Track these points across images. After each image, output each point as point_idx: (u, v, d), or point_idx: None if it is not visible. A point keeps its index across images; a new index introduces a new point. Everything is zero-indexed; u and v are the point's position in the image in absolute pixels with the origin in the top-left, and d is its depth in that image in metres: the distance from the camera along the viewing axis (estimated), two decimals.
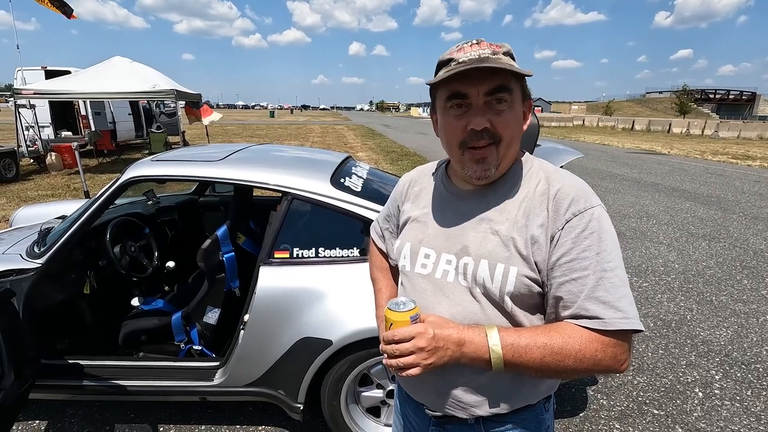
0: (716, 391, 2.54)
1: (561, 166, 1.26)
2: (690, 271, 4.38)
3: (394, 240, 1.06)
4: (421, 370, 0.76)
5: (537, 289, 0.81)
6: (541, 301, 0.83)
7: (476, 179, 0.85)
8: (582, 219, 0.78)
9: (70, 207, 2.95)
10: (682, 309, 3.57)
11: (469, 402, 0.88)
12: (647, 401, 2.45)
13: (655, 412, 2.36)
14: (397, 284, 1.06)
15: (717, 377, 2.67)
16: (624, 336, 0.75)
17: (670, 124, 30.70)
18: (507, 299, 0.81)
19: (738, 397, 2.48)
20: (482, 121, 0.80)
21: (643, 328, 0.75)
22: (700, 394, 2.51)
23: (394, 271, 1.09)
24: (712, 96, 63.90)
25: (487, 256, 0.83)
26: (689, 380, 2.64)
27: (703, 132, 27.98)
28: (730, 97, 63.45)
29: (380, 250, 1.18)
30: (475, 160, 0.83)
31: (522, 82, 0.84)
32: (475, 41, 0.82)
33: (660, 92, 75.49)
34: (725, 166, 13.01)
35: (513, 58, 0.83)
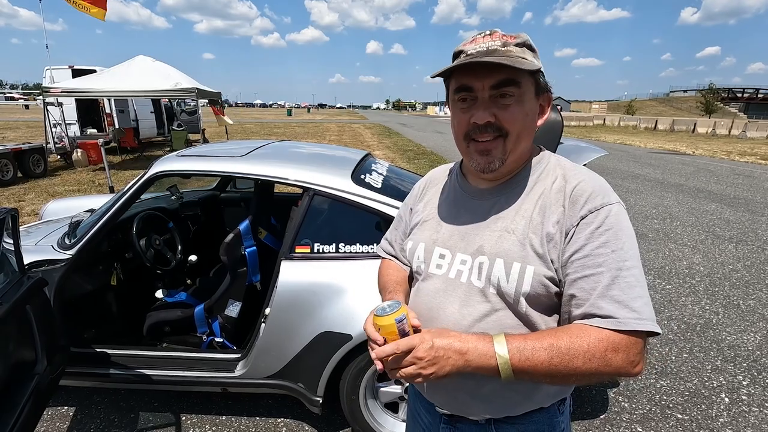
0: (743, 397, 2.46)
1: (584, 165, 1.24)
2: (716, 274, 4.26)
3: (405, 243, 1.03)
4: (423, 380, 0.75)
5: (554, 288, 0.79)
6: (558, 302, 0.81)
7: (481, 171, 0.84)
8: (598, 215, 0.76)
9: (97, 201, 3.03)
10: (707, 312, 3.47)
11: (480, 406, 0.87)
12: (670, 405, 2.39)
13: (679, 416, 2.31)
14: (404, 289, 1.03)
15: (744, 383, 2.59)
16: (638, 337, 0.71)
17: (695, 124, 29.84)
18: (522, 300, 0.79)
19: (766, 404, 2.40)
20: (485, 115, 0.78)
21: (659, 331, 0.72)
22: (727, 399, 2.45)
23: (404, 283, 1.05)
24: (739, 95, 61.83)
25: (503, 255, 0.81)
26: (715, 385, 2.57)
27: (730, 132, 27.10)
28: (759, 95, 61.27)
29: (396, 258, 1.12)
30: (479, 152, 0.82)
31: (535, 75, 0.81)
32: (488, 32, 0.81)
33: (685, 91, 73.51)
34: (753, 167, 12.58)
35: (531, 49, 0.81)
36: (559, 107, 2.07)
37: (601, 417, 2.29)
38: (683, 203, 7.39)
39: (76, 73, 11.35)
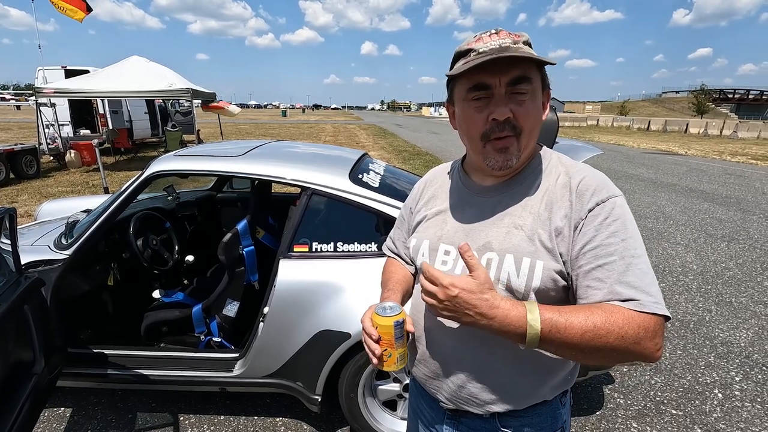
0: (736, 393, 2.50)
1: None
2: (708, 272, 4.31)
3: (408, 242, 1.04)
4: (438, 315, 0.78)
5: (562, 282, 0.80)
6: (564, 296, 0.82)
7: (498, 169, 0.84)
8: (605, 207, 0.78)
9: (91, 202, 3.02)
10: (700, 310, 3.51)
11: (485, 399, 0.88)
12: (665, 401, 2.42)
13: (674, 412, 2.34)
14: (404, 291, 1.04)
15: (737, 379, 2.63)
16: (659, 320, 0.73)
17: (687, 125, 30.14)
18: (531, 295, 0.80)
19: (759, 399, 2.44)
20: (505, 111, 0.79)
21: (670, 315, 0.74)
22: (720, 395, 2.48)
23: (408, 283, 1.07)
24: (730, 96, 62.49)
25: (512, 250, 0.82)
26: (708, 381, 2.60)
27: (721, 132, 27.40)
28: (750, 96, 61.98)
29: (400, 257, 1.13)
30: (498, 150, 0.82)
31: (542, 71, 0.83)
32: (494, 31, 0.80)
33: (677, 92, 74.16)
34: (745, 167, 12.73)
35: (531, 47, 0.82)
36: (553, 108, 2.09)
37: (597, 413, 2.32)
38: (676, 202, 7.47)
39: (69, 74, 11.27)
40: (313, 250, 1.95)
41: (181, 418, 2.21)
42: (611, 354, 0.73)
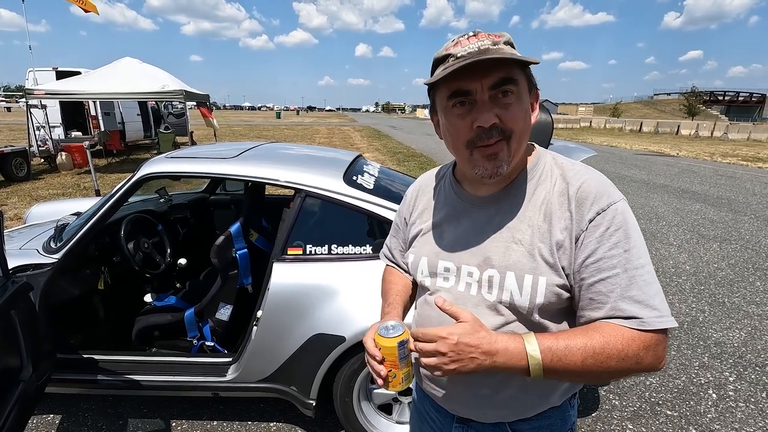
0: (730, 393, 2.51)
1: None
2: (701, 273, 4.34)
3: (405, 254, 1.02)
4: (444, 374, 0.73)
5: (566, 295, 0.78)
6: (569, 306, 0.81)
7: (488, 177, 0.79)
8: (605, 216, 0.75)
9: (82, 205, 2.98)
10: (693, 310, 3.53)
11: (496, 413, 0.87)
12: (660, 402, 2.42)
13: (668, 413, 2.34)
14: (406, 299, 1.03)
15: (731, 379, 2.64)
16: (662, 334, 0.72)
17: (678, 126, 30.42)
18: (535, 311, 0.79)
19: (753, 399, 2.45)
20: (490, 116, 0.74)
21: (677, 325, 0.73)
22: (714, 395, 2.49)
23: (407, 291, 1.05)
24: (721, 97, 63.30)
25: (513, 267, 0.79)
26: (702, 382, 2.61)
27: (712, 134, 27.70)
28: (740, 98, 62.81)
29: (397, 266, 1.12)
30: (486, 157, 0.77)
31: (527, 71, 0.79)
32: (472, 33, 0.76)
33: (668, 94, 74.98)
34: (735, 167, 12.87)
35: (514, 47, 0.77)
36: (548, 110, 2.10)
37: (593, 415, 2.31)
38: (668, 203, 7.52)
39: (60, 75, 11.14)
40: (307, 252, 1.93)
41: (174, 424, 2.18)
42: (615, 375, 0.73)
